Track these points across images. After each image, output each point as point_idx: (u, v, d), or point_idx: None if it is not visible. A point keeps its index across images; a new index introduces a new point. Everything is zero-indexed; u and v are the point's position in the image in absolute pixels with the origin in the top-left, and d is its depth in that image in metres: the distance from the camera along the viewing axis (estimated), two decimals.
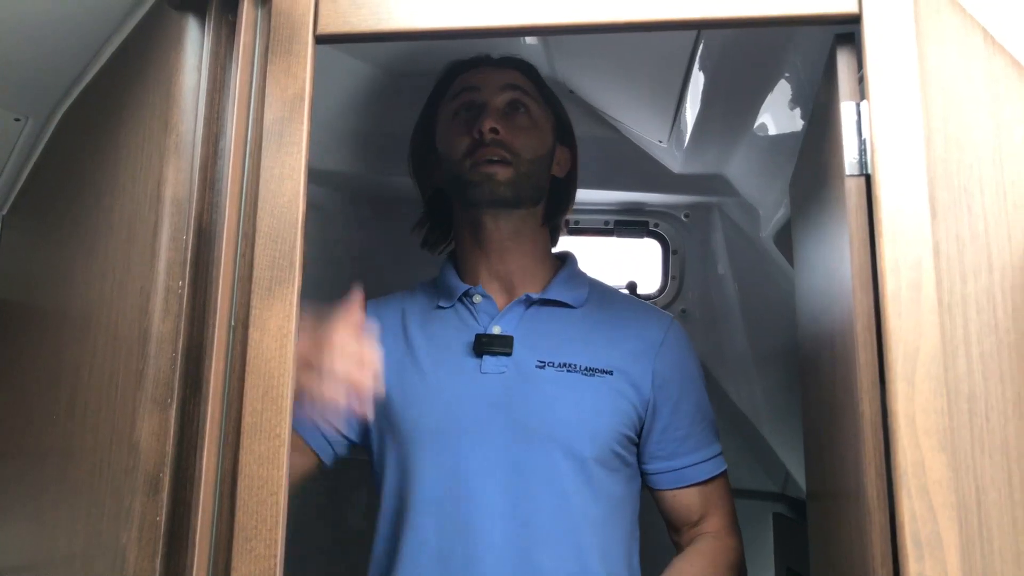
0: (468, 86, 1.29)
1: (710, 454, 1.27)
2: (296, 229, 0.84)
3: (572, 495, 1.16)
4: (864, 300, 0.83)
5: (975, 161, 0.81)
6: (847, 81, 0.88)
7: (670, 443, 1.24)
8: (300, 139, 0.86)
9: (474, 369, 1.21)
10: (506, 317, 1.25)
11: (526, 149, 1.25)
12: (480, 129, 1.22)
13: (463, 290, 1.28)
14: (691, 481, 1.24)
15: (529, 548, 1.13)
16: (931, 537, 0.73)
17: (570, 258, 1.37)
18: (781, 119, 1.46)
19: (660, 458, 1.24)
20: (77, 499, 0.95)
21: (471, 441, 1.17)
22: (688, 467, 1.24)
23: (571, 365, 1.20)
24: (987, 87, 0.82)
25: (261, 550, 0.79)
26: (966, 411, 0.76)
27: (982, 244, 0.79)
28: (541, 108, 1.31)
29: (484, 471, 1.15)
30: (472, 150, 1.23)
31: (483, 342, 1.21)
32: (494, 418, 1.17)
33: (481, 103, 1.26)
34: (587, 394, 1.19)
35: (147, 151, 0.92)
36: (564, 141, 1.36)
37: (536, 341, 1.22)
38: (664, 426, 1.24)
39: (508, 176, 1.22)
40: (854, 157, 0.85)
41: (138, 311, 0.87)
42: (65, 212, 1.19)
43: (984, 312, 0.78)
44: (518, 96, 1.28)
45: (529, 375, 1.20)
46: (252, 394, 0.82)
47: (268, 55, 0.89)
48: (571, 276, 1.32)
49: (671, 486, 1.25)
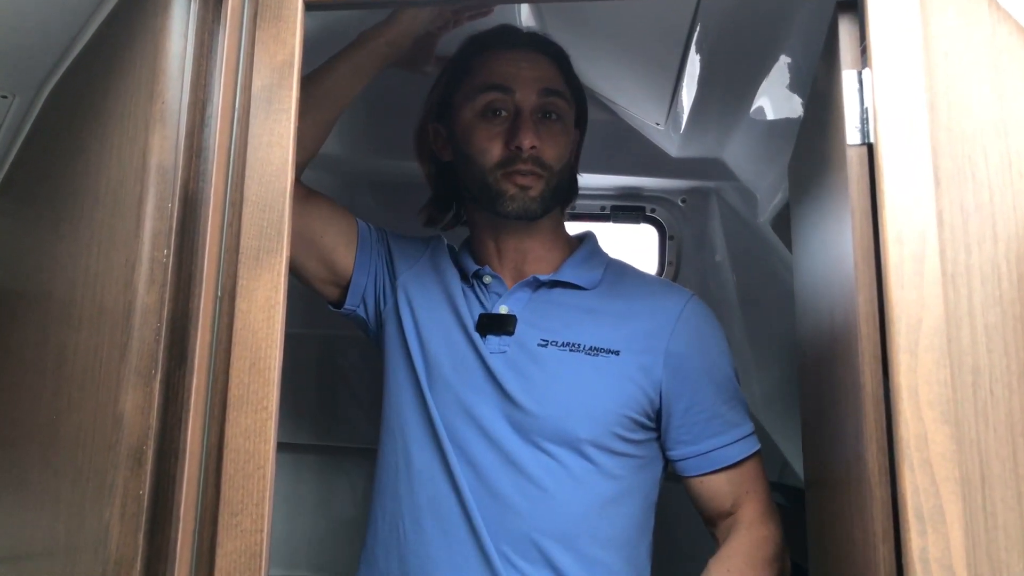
0: (499, 83, 1.21)
1: (739, 435, 1.19)
2: (285, 197, 0.82)
3: (570, 476, 1.14)
4: (866, 272, 0.81)
5: (979, 129, 0.79)
6: (849, 49, 0.86)
7: (693, 426, 1.18)
8: (289, 106, 0.84)
9: (478, 347, 1.20)
10: (514, 296, 1.24)
11: (557, 160, 1.22)
12: (519, 145, 1.17)
13: (474, 270, 1.27)
14: (719, 465, 1.18)
15: (526, 525, 1.12)
16: (934, 511, 0.71)
17: (589, 238, 1.34)
18: (779, 103, 1.45)
19: (684, 443, 1.19)
20: (61, 477, 0.93)
21: (466, 418, 1.16)
22: (715, 450, 1.18)
23: (575, 344, 1.18)
24: (991, 54, 0.80)
25: (247, 525, 0.77)
26: (970, 383, 0.75)
27: (987, 214, 0.78)
28: (569, 104, 1.27)
29: (481, 446, 1.15)
30: (505, 162, 1.19)
31: (485, 322, 1.20)
32: (490, 396, 1.16)
33: (515, 108, 1.21)
34: (588, 374, 1.16)
35: (132, 120, 0.90)
36: (578, 124, 1.33)
37: (541, 321, 1.21)
38: (685, 408, 1.18)
39: (540, 190, 1.20)
40: (856, 126, 0.83)
41: (123, 283, 0.85)
42: (53, 190, 1.17)
43: (989, 283, 0.76)
44: (553, 101, 1.23)
45: (531, 354, 1.18)
46: (239, 366, 0.80)
47: (257, 20, 0.87)
48: (587, 257, 1.29)
49: (698, 472, 1.19)
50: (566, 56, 1.29)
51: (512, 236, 1.26)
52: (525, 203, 1.19)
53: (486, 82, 1.22)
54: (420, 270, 1.32)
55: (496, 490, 1.13)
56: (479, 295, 1.26)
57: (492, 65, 1.23)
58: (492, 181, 1.20)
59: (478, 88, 1.23)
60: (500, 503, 1.13)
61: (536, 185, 1.19)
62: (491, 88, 1.21)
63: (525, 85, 1.21)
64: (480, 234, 1.30)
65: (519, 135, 1.17)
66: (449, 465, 1.15)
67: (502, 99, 1.21)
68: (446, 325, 1.24)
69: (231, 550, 0.77)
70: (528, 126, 1.18)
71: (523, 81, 1.21)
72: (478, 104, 1.22)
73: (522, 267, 1.27)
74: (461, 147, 1.25)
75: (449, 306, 1.25)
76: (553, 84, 1.24)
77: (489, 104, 1.21)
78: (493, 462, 1.14)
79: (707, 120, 1.57)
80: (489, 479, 1.13)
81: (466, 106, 1.23)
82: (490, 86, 1.21)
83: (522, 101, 1.20)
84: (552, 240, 1.29)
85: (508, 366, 1.18)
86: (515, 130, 1.18)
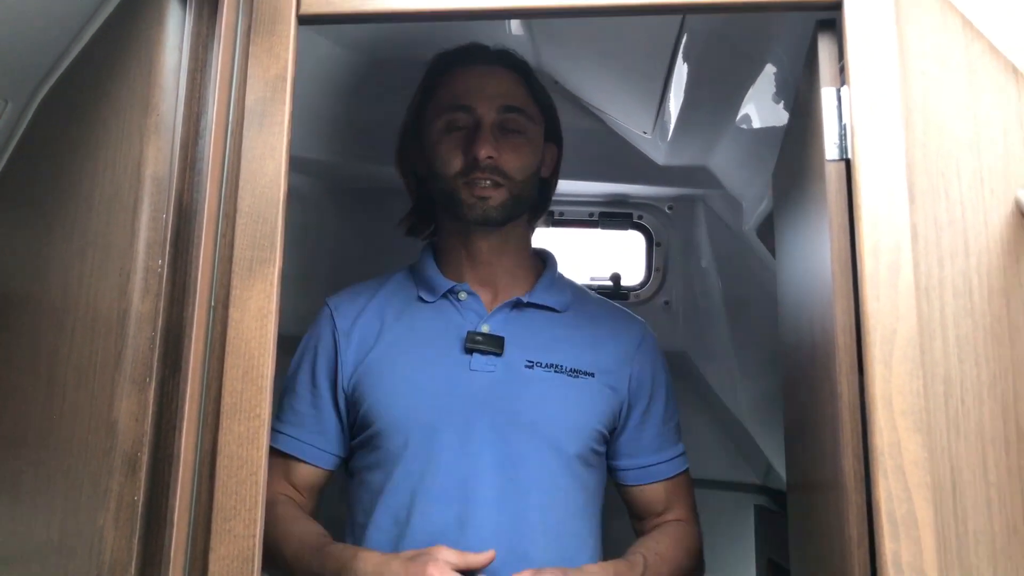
0: (459, 103, 1.25)
1: (675, 453, 1.32)
2: (278, 209, 0.84)
3: (559, 489, 1.19)
4: (843, 283, 0.83)
5: (953, 147, 0.82)
6: (828, 67, 0.88)
7: (639, 442, 1.29)
8: (282, 119, 0.86)
9: (463, 366, 1.21)
10: (495, 317, 1.26)
11: (519, 170, 1.25)
12: (475, 156, 1.21)
13: (448, 287, 1.28)
14: (657, 478, 1.30)
15: (519, 540, 1.14)
16: (906, 517, 0.74)
17: (550, 260, 1.38)
18: (764, 112, 1.47)
19: (629, 455, 1.29)
20: (55, 482, 0.93)
21: (461, 436, 1.17)
22: (655, 465, 1.30)
23: (558, 366, 1.23)
24: (965, 74, 0.83)
25: (240, 530, 0.79)
26: (942, 393, 0.77)
27: (959, 229, 0.80)
28: (534, 118, 1.30)
29: (475, 466, 1.16)
30: (466, 171, 1.23)
31: (476, 340, 1.22)
32: (483, 414, 1.18)
33: (475, 122, 1.24)
34: (573, 394, 1.22)
35: (127, 131, 0.91)
36: (552, 139, 1.35)
37: (525, 342, 1.24)
38: (635, 425, 1.29)
39: (501, 199, 1.23)
40: (834, 142, 0.85)
41: (117, 291, 0.86)
42: (46, 197, 1.18)
43: (961, 296, 0.79)
44: (513, 117, 1.26)
45: (519, 374, 1.21)
46: (232, 374, 0.82)
47: (251, 35, 0.88)
48: (554, 280, 1.34)
49: (639, 482, 1.30)
50: (530, 71, 1.33)
51: (482, 243, 1.28)
52: (485, 211, 1.23)
53: (449, 102, 1.27)
54: (369, 315, 1.29)
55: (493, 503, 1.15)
56: (456, 312, 1.27)
57: (455, 84, 1.28)
58: (453, 189, 1.24)
59: (443, 108, 1.27)
60: (497, 514, 1.15)
61: (496, 195, 1.23)
62: (453, 108, 1.26)
63: (485, 102, 1.25)
64: (452, 244, 1.32)
65: (475, 146, 1.21)
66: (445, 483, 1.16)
67: (464, 118, 1.25)
68: (419, 349, 1.24)
69: (224, 555, 0.78)
70: (486, 138, 1.22)
71: (483, 98, 1.25)
72: (441, 122, 1.27)
73: (495, 285, 1.30)
74: (429, 161, 1.29)
75: (418, 332, 1.26)
76: (514, 101, 1.27)
77: (451, 122, 1.26)
78: (488, 478, 1.16)
79: (694, 128, 1.59)
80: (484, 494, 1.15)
81: (433, 123, 1.28)
82: (452, 106, 1.26)
83: (482, 116, 1.24)
84: (525, 259, 1.34)
85: (497, 385, 1.20)
86: (473, 141, 1.22)
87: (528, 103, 1.29)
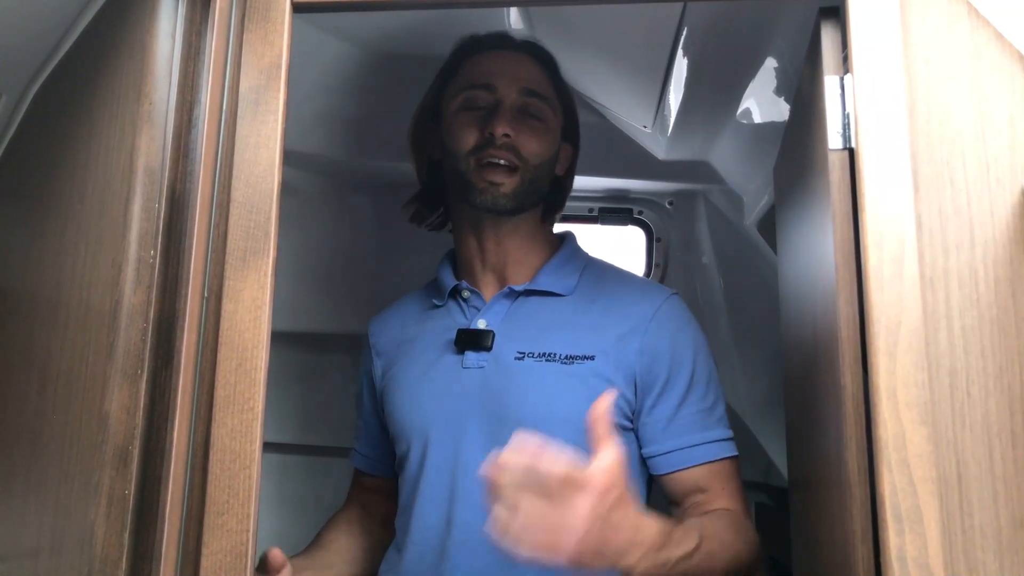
0: (482, 81, 1.23)
1: (710, 438, 1.16)
2: (272, 199, 0.83)
3: None
4: (847, 274, 0.82)
5: (958, 135, 0.80)
6: (831, 55, 0.87)
7: (660, 423, 1.16)
8: (276, 108, 0.85)
9: (456, 365, 1.20)
10: (492, 310, 1.24)
11: (534, 155, 1.22)
12: (492, 131, 1.18)
13: (452, 286, 1.27)
14: (682, 465, 1.15)
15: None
16: (911, 511, 0.72)
17: (567, 241, 1.33)
18: (765, 106, 1.46)
19: (650, 440, 1.17)
20: (47, 476, 0.92)
21: (453, 436, 1.16)
22: (678, 450, 1.15)
23: (550, 355, 1.17)
24: (970, 61, 0.82)
25: (233, 525, 0.77)
26: (947, 385, 0.76)
27: (965, 218, 0.79)
28: (555, 108, 1.27)
29: (464, 464, 1.15)
30: (479, 148, 1.20)
31: (463, 338, 1.21)
32: (473, 412, 1.17)
33: (495, 101, 1.22)
34: (564, 383, 1.15)
35: (120, 121, 0.90)
36: (568, 139, 1.33)
37: (518, 333, 1.21)
38: (652, 405, 1.16)
39: (513, 186, 1.19)
40: (837, 131, 0.84)
41: (109, 283, 0.85)
42: (40, 190, 1.16)
43: (966, 286, 0.78)
44: (534, 102, 1.24)
45: (507, 368, 1.18)
46: (225, 366, 0.80)
47: (244, 22, 0.87)
48: (565, 261, 1.28)
49: (663, 470, 1.17)
50: (556, 65, 1.30)
51: (492, 231, 1.25)
52: (496, 198, 1.19)
53: (470, 80, 1.25)
54: (394, 329, 1.34)
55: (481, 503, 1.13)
56: (460, 311, 1.27)
57: (479, 64, 1.26)
58: (465, 169, 1.20)
59: (463, 85, 1.25)
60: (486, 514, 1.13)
61: (508, 181, 1.19)
62: (474, 86, 1.24)
63: (507, 82, 1.23)
64: (464, 234, 1.29)
65: (493, 122, 1.19)
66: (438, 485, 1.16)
67: (484, 96, 1.23)
68: (424, 354, 1.25)
69: (217, 550, 0.77)
70: (504, 116, 1.20)
71: (506, 78, 1.23)
72: (460, 99, 1.25)
73: (503, 270, 1.27)
74: (445, 141, 1.27)
75: (426, 337, 1.27)
76: (536, 86, 1.25)
77: (470, 99, 1.24)
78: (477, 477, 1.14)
79: (694, 123, 1.58)
80: (474, 493, 1.13)
81: (451, 102, 1.26)
82: (473, 84, 1.24)
83: (503, 96, 1.22)
84: (530, 241, 1.28)
85: (486, 381, 1.18)
86: (491, 118, 1.20)
87: (551, 93, 1.27)
